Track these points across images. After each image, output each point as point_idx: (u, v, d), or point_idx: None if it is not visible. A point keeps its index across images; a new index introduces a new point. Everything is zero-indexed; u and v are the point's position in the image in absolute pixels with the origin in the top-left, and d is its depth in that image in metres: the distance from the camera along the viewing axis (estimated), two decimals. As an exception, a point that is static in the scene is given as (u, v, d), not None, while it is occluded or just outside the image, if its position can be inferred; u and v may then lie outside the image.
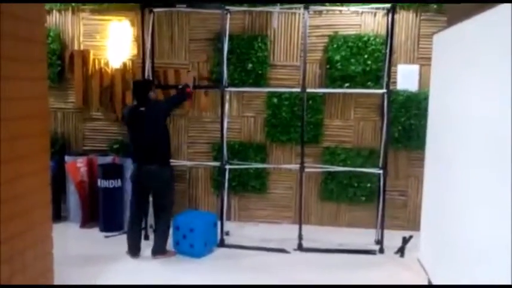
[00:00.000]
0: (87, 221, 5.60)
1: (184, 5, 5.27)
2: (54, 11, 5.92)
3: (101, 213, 5.49)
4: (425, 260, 3.39)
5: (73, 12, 5.92)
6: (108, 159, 5.66)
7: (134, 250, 4.67)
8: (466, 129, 2.59)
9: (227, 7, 5.11)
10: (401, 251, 4.86)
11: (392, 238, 4.97)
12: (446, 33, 2.98)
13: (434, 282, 2.97)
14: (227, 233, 5.27)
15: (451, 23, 2.75)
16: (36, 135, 3.10)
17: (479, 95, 2.43)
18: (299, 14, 5.49)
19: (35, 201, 3.10)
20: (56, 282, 3.40)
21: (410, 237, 4.84)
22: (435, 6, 5.31)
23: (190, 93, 4.88)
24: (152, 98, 4.63)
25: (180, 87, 4.89)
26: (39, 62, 3.07)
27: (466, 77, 2.63)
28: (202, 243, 4.73)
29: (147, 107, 4.53)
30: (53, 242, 3.36)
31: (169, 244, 4.78)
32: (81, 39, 5.95)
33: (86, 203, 5.61)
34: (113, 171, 5.48)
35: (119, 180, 5.45)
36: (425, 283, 3.36)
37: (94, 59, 5.88)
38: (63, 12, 5.93)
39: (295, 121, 5.56)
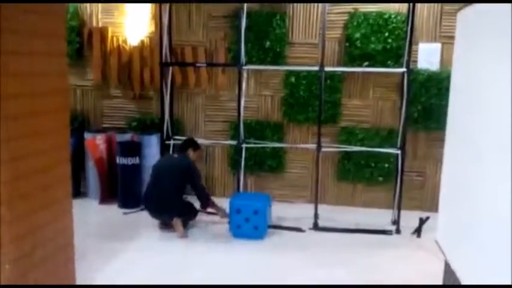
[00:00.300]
0: (106, 197, 5.69)
1: (202, -18, 5.22)
2: (72, -12, 5.92)
3: (120, 190, 5.57)
4: (443, 241, 3.36)
5: (91, -11, 5.91)
6: (127, 136, 5.71)
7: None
8: (489, 111, 2.53)
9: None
10: (418, 231, 4.84)
11: (409, 219, 4.94)
12: (471, 9, 2.89)
13: (452, 264, 2.96)
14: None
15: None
16: (56, 111, 3.12)
17: (506, 76, 2.36)
18: (318, -10, 5.38)
19: (55, 177, 3.15)
20: (76, 256, 3.48)
21: (427, 218, 4.81)
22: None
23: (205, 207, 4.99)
24: (190, 156, 4.96)
25: (210, 203, 4.93)
26: (59, 38, 3.07)
27: (491, 57, 2.55)
28: (266, 224, 4.76)
29: (180, 157, 4.90)
30: (72, 217, 3.42)
31: (226, 230, 4.80)
32: (100, 16, 5.94)
33: (104, 179, 5.69)
34: (132, 148, 5.54)
35: (137, 158, 5.50)
36: (442, 264, 3.35)
37: (112, 36, 5.89)
38: (81, -11, 5.92)
39: (312, 100, 5.50)
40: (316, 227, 4.96)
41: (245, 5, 5.08)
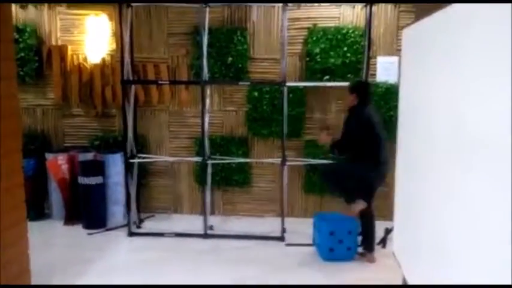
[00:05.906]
0: (71, 218, 5.56)
1: (162, -1, 5.23)
2: (29, 6, 5.80)
3: (83, 210, 5.46)
4: (399, 253, 3.41)
5: (49, 7, 5.81)
6: (90, 155, 5.62)
7: None
8: (433, 122, 2.61)
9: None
10: (383, 241, 4.90)
11: (376, 229, 4.99)
12: (413, 27, 2.99)
13: (408, 276, 3.00)
14: (211, 227, 5.28)
15: (418, 17, 2.76)
16: (7, 135, 3.06)
17: (445, 89, 2.43)
18: (278, 6, 5.45)
19: (8, 203, 3.07)
20: (40, 279, 3.40)
21: (392, 228, 4.87)
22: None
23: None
24: None
25: None
26: (6, 60, 3.02)
27: (431, 71, 2.64)
28: (356, 244, 4.64)
29: (371, 107, 4.56)
30: (28, 243, 3.35)
31: (316, 253, 4.73)
32: (58, 34, 5.85)
33: (68, 200, 5.57)
34: (94, 167, 5.44)
35: (101, 177, 5.42)
36: (401, 276, 3.40)
37: (72, 55, 5.80)
38: (39, 7, 5.81)
39: (276, 115, 5.53)
40: (282, 240, 4.99)
41: (206, 21, 5.11)
